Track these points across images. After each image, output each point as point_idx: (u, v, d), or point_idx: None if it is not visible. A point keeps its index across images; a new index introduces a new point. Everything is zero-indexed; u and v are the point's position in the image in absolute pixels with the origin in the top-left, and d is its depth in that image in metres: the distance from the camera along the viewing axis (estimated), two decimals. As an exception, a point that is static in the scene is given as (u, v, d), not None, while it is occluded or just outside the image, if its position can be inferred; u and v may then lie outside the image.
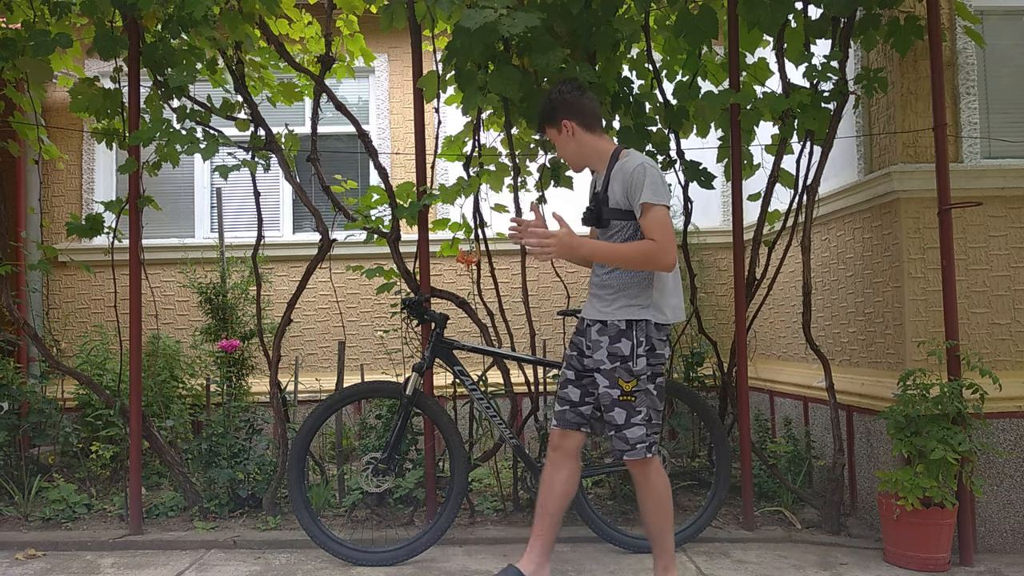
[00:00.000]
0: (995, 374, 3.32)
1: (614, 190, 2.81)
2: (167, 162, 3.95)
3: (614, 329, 2.79)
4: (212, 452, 4.06)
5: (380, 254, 4.85)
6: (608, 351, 2.78)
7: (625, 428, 2.77)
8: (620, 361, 2.76)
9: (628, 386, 2.76)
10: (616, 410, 2.77)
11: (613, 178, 2.83)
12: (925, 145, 3.66)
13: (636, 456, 2.78)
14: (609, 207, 2.82)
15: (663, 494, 2.85)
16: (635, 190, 2.73)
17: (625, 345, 2.76)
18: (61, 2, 3.91)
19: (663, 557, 2.88)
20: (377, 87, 5.93)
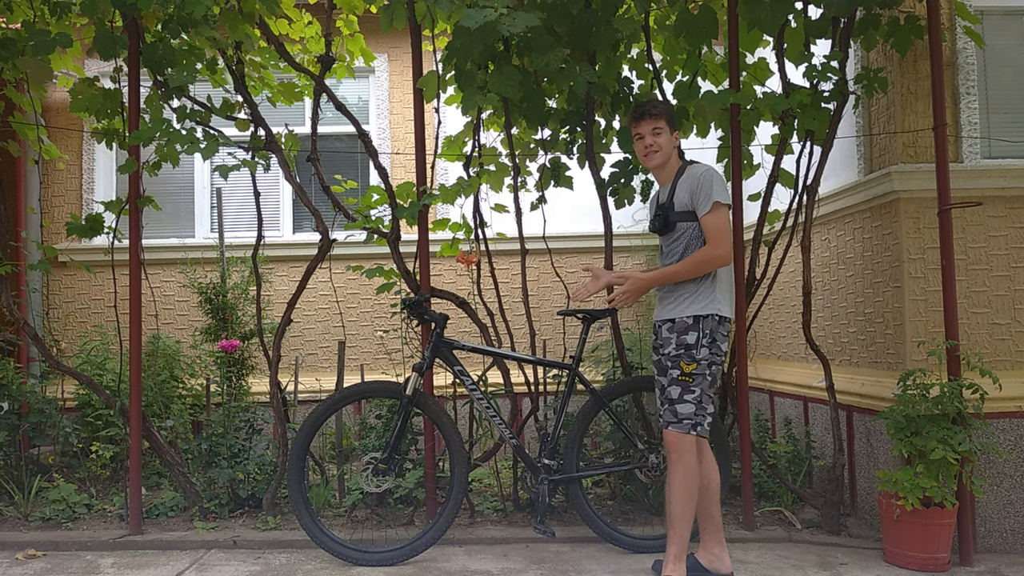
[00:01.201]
0: (995, 374, 3.32)
1: (680, 196, 3.11)
2: (167, 162, 3.95)
3: (682, 325, 3.06)
4: (212, 452, 4.06)
5: (380, 254, 4.85)
6: (676, 343, 3.06)
7: (678, 403, 3.02)
8: (685, 349, 3.04)
9: (688, 368, 3.03)
10: (673, 387, 3.04)
11: (680, 186, 3.13)
12: (925, 145, 3.66)
13: (681, 430, 3.00)
14: (676, 211, 3.12)
15: (693, 479, 3.01)
16: (701, 192, 3.05)
17: (691, 336, 3.05)
18: (61, 2, 3.91)
19: (676, 543, 3.00)
20: (377, 87, 5.93)
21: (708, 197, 3.02)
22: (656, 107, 3.17)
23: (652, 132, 3.15)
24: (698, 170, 3.11)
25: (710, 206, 3.01)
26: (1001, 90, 3.84)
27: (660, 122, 3.14)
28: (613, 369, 4.29)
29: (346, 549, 3.37)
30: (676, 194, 3.12)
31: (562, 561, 3.37)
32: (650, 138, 3.15)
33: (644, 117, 3.16)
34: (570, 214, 5.38)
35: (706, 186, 3.03)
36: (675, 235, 3.13)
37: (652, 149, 3.15)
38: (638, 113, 3.18)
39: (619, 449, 3.99)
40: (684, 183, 3.11)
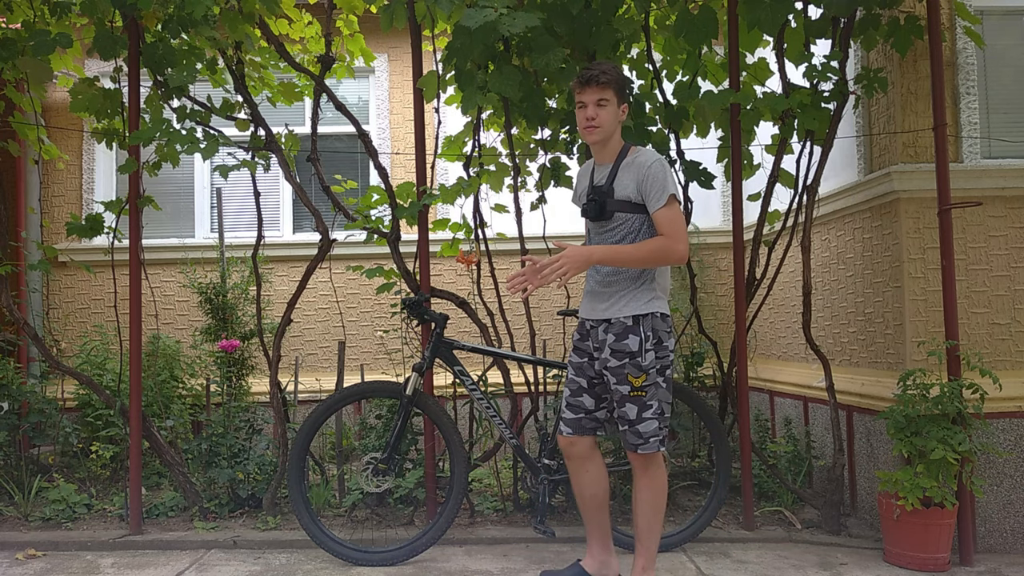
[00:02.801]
0: (995, 374, 3.32)
1: (623, 183, 2.81)
2: (167, 162, 3.95)
3: (620, 326, 2.80)
4: (212, 452, 4.06)
5: (380, 254, 4.85)
6: (612, 348, 2.79)
7: (638, 423, 2.79)
8: (628, 357, 2.77)
9: (638, 381, 2.77)
10: (627, 405, 2.79)
11: (623, 171, 2.83)
12: (925, 145, 3.66)
13: (649, 450, 2.79)
14: (615, 199, 2.82)
15: (661, 491, 2.89)
16: (654, 184, 2.76)
17: (633, 341, 2.77)
18: (61, 2, 3.91)
19: (644, 555, 2.89)
20: (377, 87, 5.93)
21: (663, 190, 2.74)
22: (606, 74, 2.77)
23: (596, 103, 2.78)
24: (646, 158, 2.81)
25: (665, 199, 2.74)
26: (1001, 90, 3.84)
27: (607, 92, 2.77)
28: (613, 369, 4.29)
29: (346, 549, 3.37)
30: (618, 180, 2.82)
31: (562, 561, 3.37)
32: (592, 109, 2.78)
33: (590, 83, 2.77)
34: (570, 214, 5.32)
35: (659, 179, 2.75)
36: (610, 225, 2.84)
37: (593, 123, 2.80)
38: (585, 77, 2.78)
39: (619, 449, 3.98)
40: (629, 170, 2.81)
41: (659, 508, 2.88)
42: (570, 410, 2.97)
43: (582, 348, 2.95)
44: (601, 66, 2.82)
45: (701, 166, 4.00)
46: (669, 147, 4.05)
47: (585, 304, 2.95)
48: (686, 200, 4.14)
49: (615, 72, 2.82)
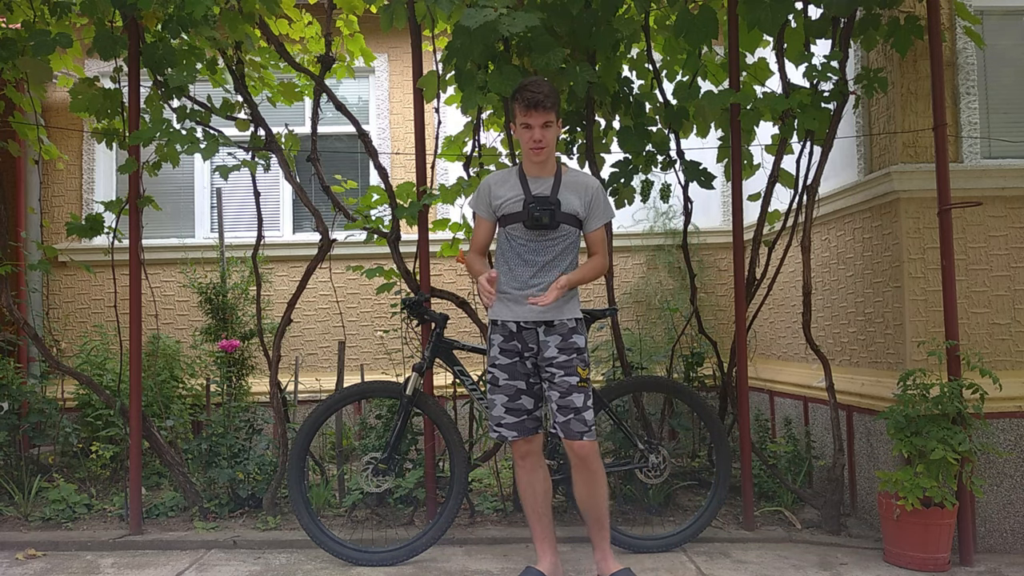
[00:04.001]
0: (995, 374, 3.32)
1: (568, 198, 3.01)
2: (167, 162, 3.95)
3: (564, 327, 3.01)
4: (212, 452, 4.06)
5: (380, 254, 4.85)
6: (559, 347, 2.99)
7: (584, 411, 2.97)
8: (576, 353, 3.00)
9: (584, 373, 3.01)
10: (575, 394, 2.97)
11: (566, 187, 3.03)
12: (925, 145, 3.66)
13: (592, 437, 2.99)
14: (562, 211, 2.99)
15: (604, 476, 3.09)
16: (599, 207, 3.08)
17: (579, 339, 3.03)
18: (61, 2, 3.91)
19: (607, 538, 3.09)
20: (377, 87, 5.93)
21: (605, 213, 3.08)
22: (549, 98, 2.90)
23: (543, 126, 2.92)
24: (588, 181, 3.09)
25: (605, 221, 3.10)
26: (1001, 90, 3.84)
27: (551, 115, 2.91)
28: (613, 369, 4.29)
29: (346, 549, 3.37)
30: (563, 194, 2.99)
31: (562, 561, 3.36)
32: (539, 132, 2.92)
33: (536, 108, 2.88)
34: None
35: (603, 201, 3.08)
36: (555, 234, 2.99)
37: (540, 145, 2.93)
38: (531, 101, 2.88)
39: (619, 449, 3.99)
40: (572, 187, 3.02)
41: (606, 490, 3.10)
42: (512, 415, 3.05)
43: (510, 349, 3.05)
44: (542, 89, 2.91)
45: (701, 166, 4.00)
46: (669, 147, 4.06)
47: (512, 307, 3.03)
48: (686, 200, 4.15)
49: (554, 94, 2.96)
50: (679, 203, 4.28)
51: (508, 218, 3.03)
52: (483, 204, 3.13)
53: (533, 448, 3.09)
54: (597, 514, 3.06)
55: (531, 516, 3.13)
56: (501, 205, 3.04)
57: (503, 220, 3.06)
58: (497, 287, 3.04)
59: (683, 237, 4.23)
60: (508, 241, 3.06)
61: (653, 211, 5.57)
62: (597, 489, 3.04)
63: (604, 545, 3.10)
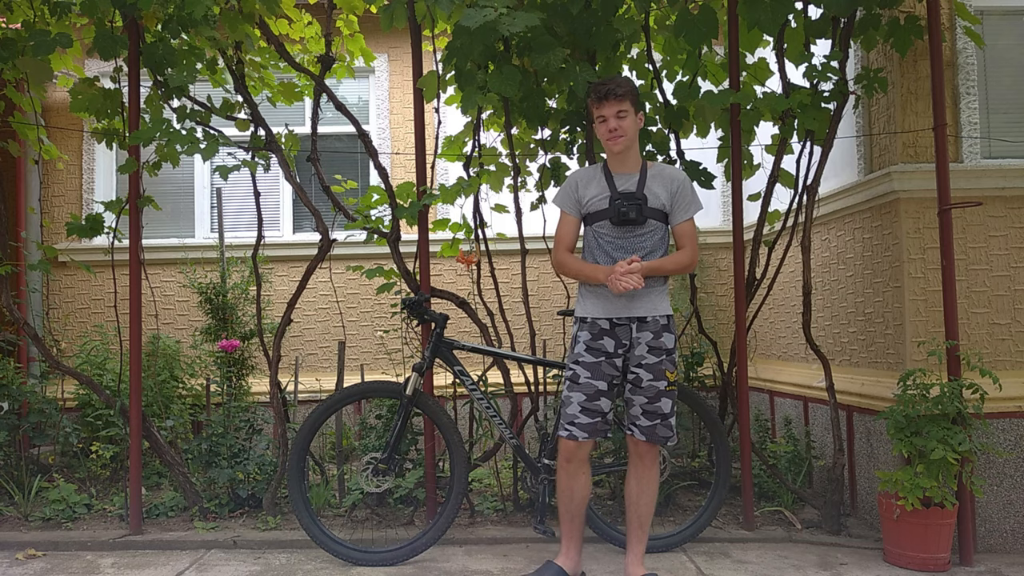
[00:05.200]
0: (995, 374, 3.32)
1: (655, 192, 2.98)
2: (167, 162, 3.95)
3: (656, 324, 2.95)
4: (212, 452, 4.06)
5: (380, 254, 4.85)
6: (650, 345, 2.94)
7: (671, 416, 2.97)
8: (666, 354, 2.95)
9: (672, 376, 2.97)
10: (663, 400, 2.95)
11: (652, 180, 3.00)
12: (925, 145, 3.66)
13: (674, 441, 3.02)
14: (648, 207, 2.96)
15: (658, 478, 3.11)
16: (685, 199, 3.02)
17: (669, 339, 2.96)
18: (61, 2, 3.91)
19: (643, 544, 3.07)
20: (377, 87, 5.93)
21: (691, 206, 3.02)
22: (622, 87, 2.92)
23: (617, 115, 2.92)
24: (676, 173, 3.04)
25: (690, 215, 3.02)
26: (1001, 90, 3.84)
27: (625, 104, 2.91)
28: (613, 369, 4.29)
29: (346, 549, 3.37)
30: (648, 188, 2.98)
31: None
32: (614, 121, 2.92)
33: (608, 98, 2.91)
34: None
35: (690, 194, 3.02)
36: (643, 230, 2.96)
37: (617, 134, 2.93)
38: (602, 92, 2.92)
39: (619, 449, 3.98)
40: (659, 181, 3.00)
41: (656, 495, 3.10)
42: (587, 415, 2.97)
43: (596, 348, 2.97)
44: (615, 79, 2.98)
45: (701, 166, 4.00)
46: (669, 147, 4.06)
47: (603, 303, 2.98)
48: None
49: (629, 84, 2.97)
50: (679, 203, 4.28)
51: (594, 216, 3.02)
52: (570, 201, 3.10)
53: (582, 454, 3.02)
54: (639, 512, 3.04)
55: (564, 516, 3.10)
56: (588, 202, 3.04)
57: (589, 218, 3.05)
58: (587, 284, 3.03)
59: (683, 237, 4.23)
60: (596, 239, 3.03)
61: (653, 211, 5.56)
62: (649, 487, 3.04)
63: (639, 549, 3.06)
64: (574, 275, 3.08)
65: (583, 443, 3.00)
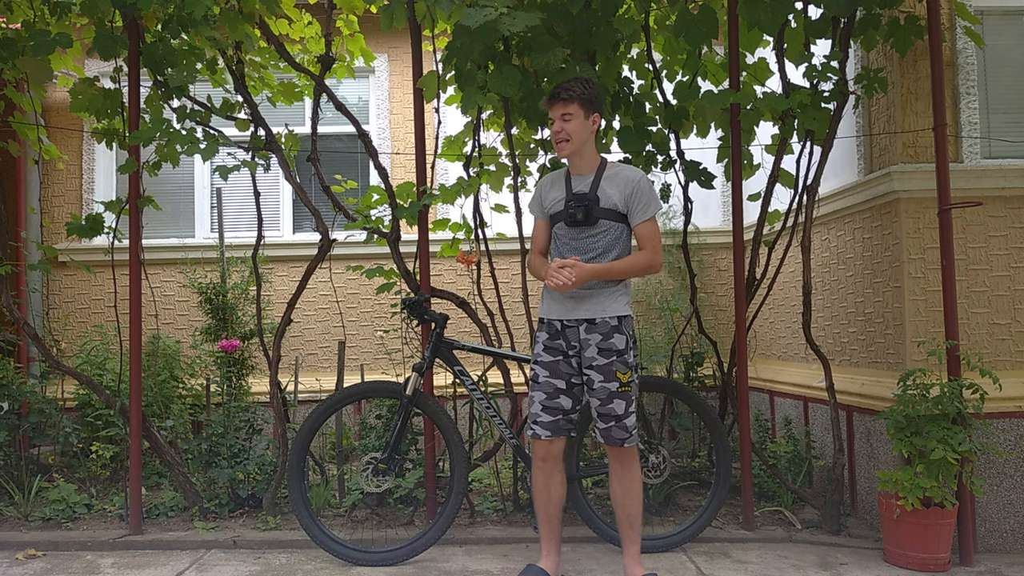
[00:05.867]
0: (995, 374, 3.32)
1: (608, 193, 2.99)
2: (167, 162, 3.94)
3: (605, 326, 2.95)
4: (212, 452, 4.06)
5: (380, 254, 4.85)
6: (599, 347, 2.94)
7: (625, 417, 2.95)
8: (616, 355, 2.94)
9: (625, 377, 2.94)
10: (616, 401, 2.94)
11: (606, 182, 3.01)
12: (925, 145, 3.66)
13: (633, 442, 2.99)
14: (600, 207, 2.97)
15: (640, 476, 3.11)
16: (641, 200, 2.98)
17: (619, 340, 2.95)
18: (61, 2, 3.91)
19: (637, 543, 3.07)
20: (377, 87, 5.93)
21: (648, 206, 2.98)
22: (570, 90, 2.92)
23: (562, 118, 2.93)
24: (631, 174, 3.02)
25: (650, 214, 2.99)
26: (1001, 90, 3.84)
27: (572, 106, 2.91)
28: (613, 369, 4.28)
29: (346, 549, 3.37)
30: (602, 189, 2.98)
31: (563, 561, 3.37)
32: (559, 124, 2.95)
33: (555, 100, 2.94)
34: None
35: (647, 194, 2.99)
36: (595, 231, 2.97)
37: (561, 137, 2.95)
38: (551, 94, 2.96)
39: (619, 449, 3.98)
40: (614, 181, 2.99)
41: (641, 495, 3.09)
42: (547, 413, 3.03)
43: (554, 347, 3.03)
44: (566, 83, 2.97)
45: (701, 166, 4.00)
46: (669, 147, 4.06)
47: (556, 304, 3.04)
48: (686, 200, 4.15)
49: (581, 87, 2.95)
50: (679, 203, 4.29)
51: (554, 218, 3.09)
52: (537, 206, 3.21)
53: (554, 451, 3.06)
54: (628, 513, 3.05)
55: (541, 517, 3.12)
56: (549, 206, 3.11)
57: (551, 220, 3.11)
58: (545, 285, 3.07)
59: (683, 237, 4.23)
60: (555, 240, 3.10)
61: (653, 211, 5.56)
62: (631, 487, 3.04)
63: (633, 549, 3.07)
64: (535, 276, 3.17)
65: (555, 441, 3.05)
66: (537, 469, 3.09)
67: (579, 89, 2.94)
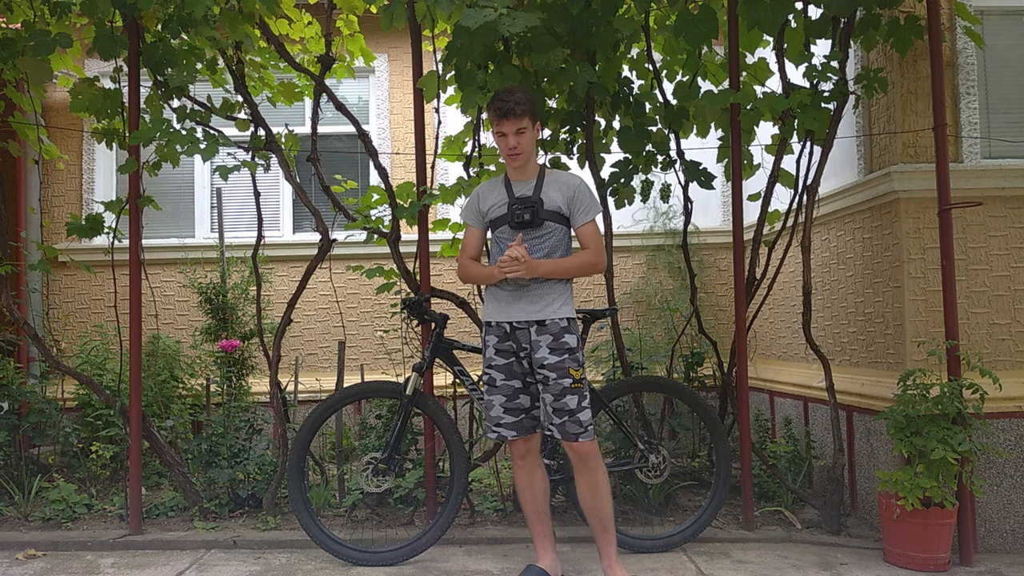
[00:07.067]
0: (995, 374, 3.32)
1: (551, 196, 3.04)
2: (167, 162, 3.95)
3: (556, 327, 3.00)
4: (212, 452, 4.06)
5: (380, 254, 4.85)
6: (551, 347, 2.98)
7: (578, 412, 2.98)
8: (568, 353, 2.98)
9: (577, 374, 2.99)
10: (568, 397, 2.97)
11: (548, 186, 3.07)
12: (925, 145, 3.66)
13: (588, 437, 2.99)
14: (545, 209, 3.03)
15: (606, 477, 3.08)
16: (583, 202, 3.05)
17: (571, 339, 3.00)
18: (61, 2, 3.91)
19: (614, 543, 3.07)
20: (377, 87, 5.93)
21: (590, 209, 3.05)
22: (520, 104, 2.93)
23: (516, 132, 2.96)
24: (570, 179, 3.08)
25: (591, 216, 3.05)
26: (1001, 90, 3.84)
27: (524, 121, 2.95)
28: (613, 369, 4.29)
29: (346, 549, 3.37)
30: (545, 192, 3.03)
31: (562, 561, 3.37)
32: (513, 139, 2.97)
33: (508, 116, 2.93)
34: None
35: (587, 197, 3.05)
36: (541, 232, 3.02)
37: (516, 151, 2.98)
38: (501, 111, 2.93)
39: (619, 449, 3.98)
40: (555, 186, 3.05)
41: (610, 493, 3.07)
42: (510, 414, 3.07)
43: (505, 349, 3.08)
44: (514, 96, 2.95)
45: (701, 166, 4.00)
46: (669, 147, 4.06)
47: (503, 307, 3.06)
48: (686, 200, 4.15)
49: (527, 99, 2.98)
50: (679, 203, 4.29)
51: (496, 222, 3.12)
52: (472, 212, 3.23)
53: (532, 447, 3.13)
54: (600, 516, 3.05)
55: (530, 515, 3.15)
56: (488, 211, 3.14)
57: (492, 225, 3.15)
58: (490, 288, 3.12)
59: (683, 237, 4.23)
60: (497, 244, 3.14)
61: (653, 211, 5.57)
62: (598, 490, 3.03)
63: (610, 551, 3.07)
64: (473, 279, 3.23)
65: (530, 438, 3.10)
66: (518, 468, 3.14)
67: (528, 102, 2.97)
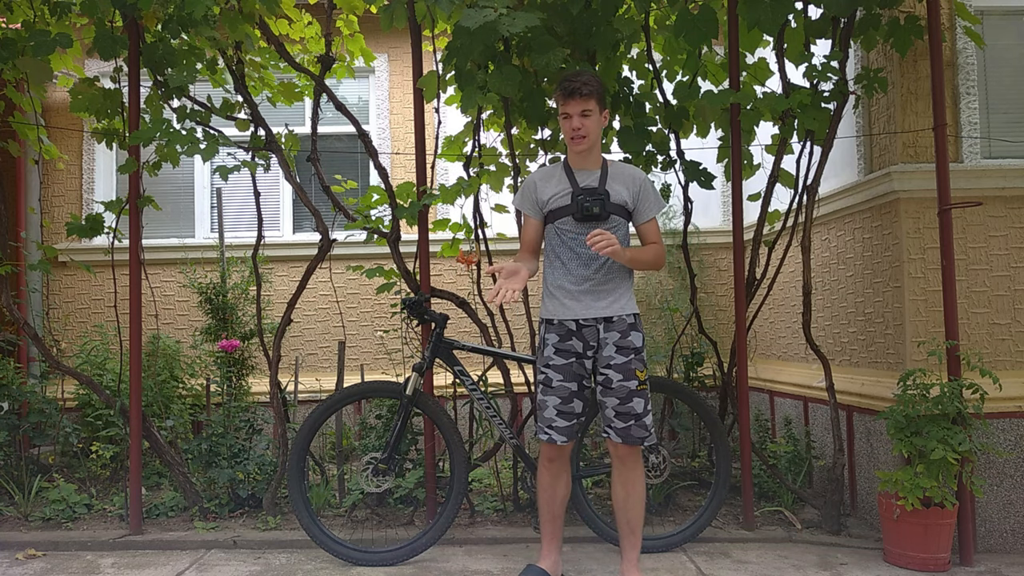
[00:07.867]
0: (995, 374, 3.32)
1: (616, 189, 2.97)
2: (167, 162, 3.95)
3: (623, 324, 2.93)
4: (212, 452, 4.06)
5: (380, 254, 4.86)
6: (617, 345, 2.91)
7: (644, 416, 2.92)
8: (634, 353, 2.92)
9: (642, 375, 2.92)
10: (635, 400, 2.90)
11: (613, 178, 2.99)
12: (925, 145, 3.67)
13: (651, 441, 2.95)
14: (612, 202, 2.94)
15: (643, 479, 3.04)
16: (649, 198, 3.02)
17: (636, 337, 2.94)
18: (61, 2, 3.91)
19: (637, 548, 3.03)
20: (377, 87, 5.93)
21: (654, 205, 3.02)
22: (588, 85, 2.86)
23: (581, 114, 2.87)
24: (635, 172, 3.03)
25: (655, 214, 3.03)
26: (1001, 90, 3.84)
27: (590, 103, 2.87)
28: (613, 369, 4.28)
29: (346, 549, 3.37)
30: (610, 185, 2.95)
31: (563, 561, 3.37)
32: (578, 120, 2.87)
33: (574, 95, 2.85)
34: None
35: (653, 193, 3.03)
36: (606, 226, 2.93)
37: (580, 133, 2.88)
38: (568, 89, 2.86)
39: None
40: (620, 179, 2.98)
41: (644, 497, 3.04)
42: (563, 418, 2.97)
43: (565, 349, 2.97)
44: (581, 77, 2.90)
45: (701, 166, 4.00)
46: (669, 147, 4.06)
47: (569, 304, 2.96)
48: (686, 200, 4.15)
49: (596, 82, 2.92)
50: (679, 203, 4.29)
51: (556, 212, 2.98)
52: (529, 201, 3.08)
53: (564, 453, 3.05)
54: (628, 517, 2.99)
55: (545, 516, 3.11)
56: (548, 200, 3.00)
57: (551, 215, 3.00)
58: (551, 284, 3.00)
59: (683, 237, 4.23)
60: (558, 236, 3.00)
61: (653, 211, 5.56)
62: (633, 488, 2.98)
63: (632, 555, 3.02)
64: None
65: (566, 445, 3.03)
66: (544, 469, 3.07)
67: (597, 84, 2.89)
